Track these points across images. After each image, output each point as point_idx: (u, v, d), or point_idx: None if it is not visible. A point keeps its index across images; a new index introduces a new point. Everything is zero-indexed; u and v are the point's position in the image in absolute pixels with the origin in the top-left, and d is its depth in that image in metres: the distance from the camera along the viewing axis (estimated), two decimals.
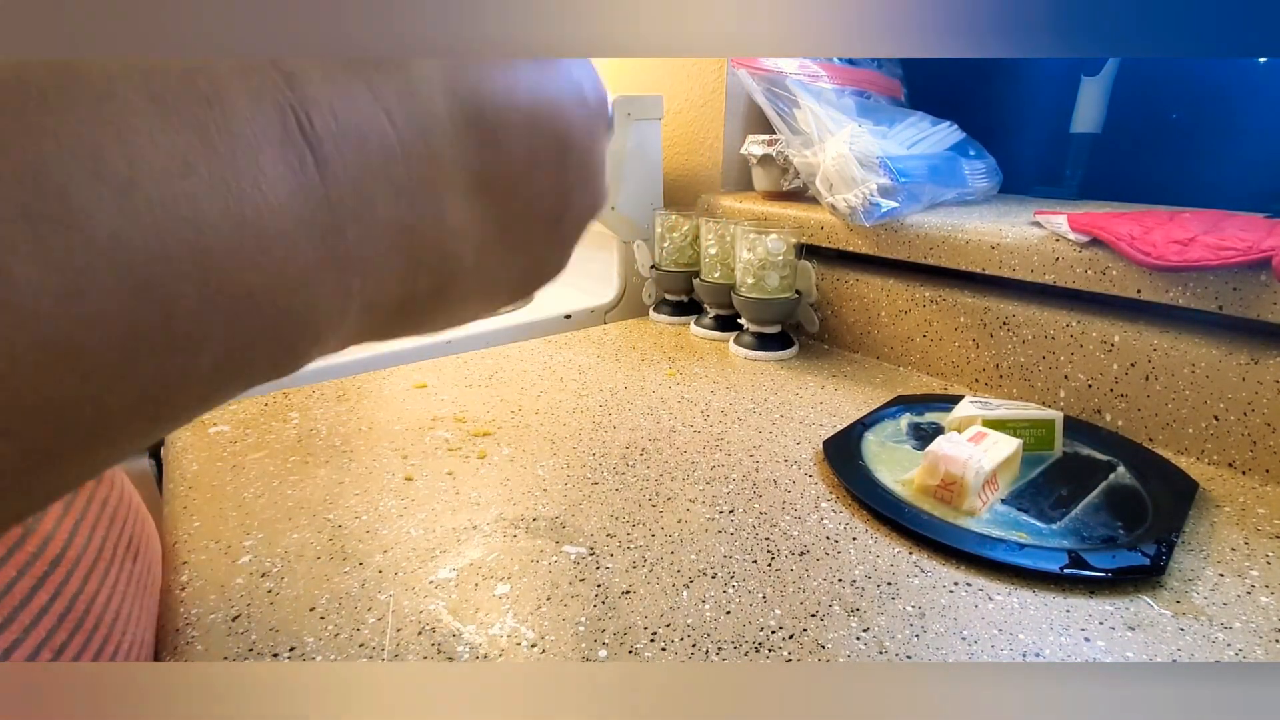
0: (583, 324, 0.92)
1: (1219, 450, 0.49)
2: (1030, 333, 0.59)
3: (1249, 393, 0.47)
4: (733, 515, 0.43)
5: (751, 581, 0.37)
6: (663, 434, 0.55)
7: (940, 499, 0.43)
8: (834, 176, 0.67)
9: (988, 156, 0.79)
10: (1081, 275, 0.54)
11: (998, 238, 0.59)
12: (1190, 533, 0.41)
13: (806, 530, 0.42)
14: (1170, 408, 0.51)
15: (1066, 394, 0.57)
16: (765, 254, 0.70)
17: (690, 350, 0.76)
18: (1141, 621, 0.34)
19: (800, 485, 0.47)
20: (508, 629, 0.34)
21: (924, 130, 0.76)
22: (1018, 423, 0.48)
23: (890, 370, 0.70)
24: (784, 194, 0.84)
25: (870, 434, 0.53)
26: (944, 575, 0.38)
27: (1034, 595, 0.36)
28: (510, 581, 0.37)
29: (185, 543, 0.40)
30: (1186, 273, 0.48)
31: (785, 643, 0.33)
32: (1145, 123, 0.74)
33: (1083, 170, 0.77)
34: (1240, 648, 0.32)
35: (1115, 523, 0.41)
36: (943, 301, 0.65)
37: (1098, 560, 0.37)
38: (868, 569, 0.38)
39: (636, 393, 0.63)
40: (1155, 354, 0.51)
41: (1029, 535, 0.40)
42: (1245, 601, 0.35)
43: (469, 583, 0.37)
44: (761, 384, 0.65)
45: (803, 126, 0.70)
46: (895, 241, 0.67)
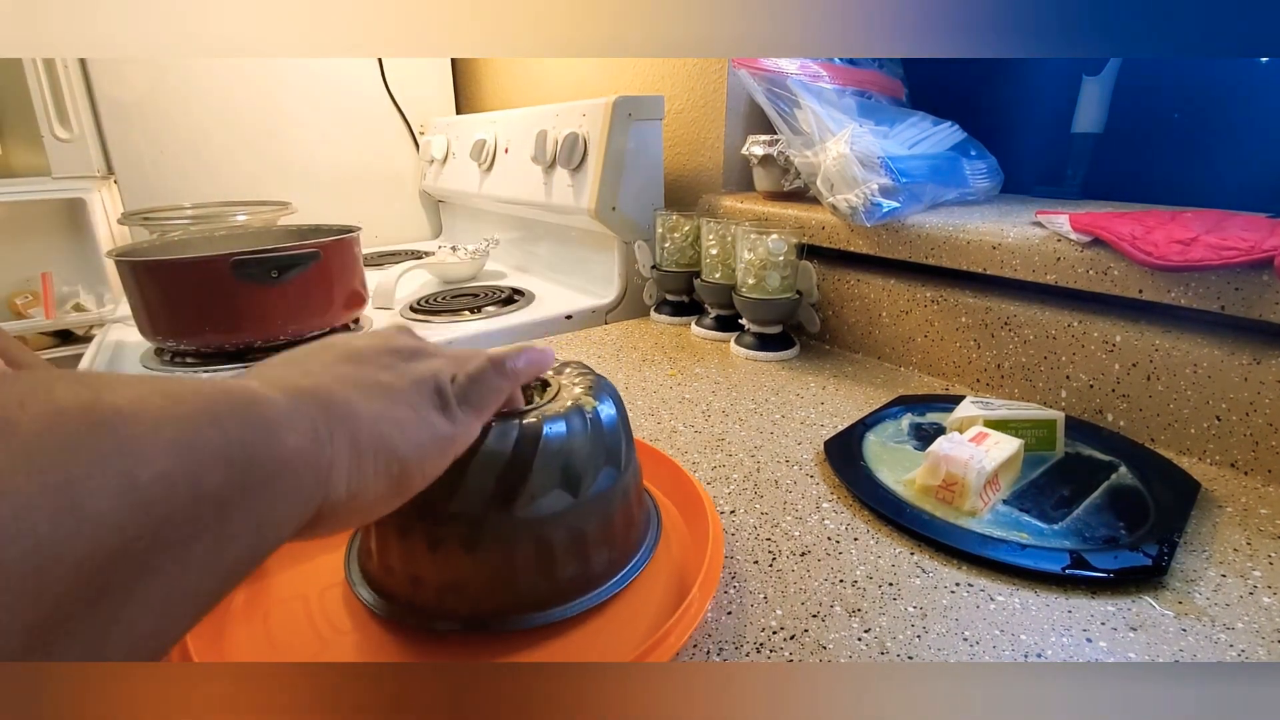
0: (584, 324, 0.92)
1: (1221, 450, 0.49)
2: (1032, 333, 0.59)
3: (1251, 393, 0.47)
4: (734, 515, 0.43)
5: (753, 582, 0.37)
6: (664, 434, 0.55)
7: (942, 499, 0.43)
8: (835, 177, 0.67)
9: (989, 156, 0.79)
10: (1083, 275, 0.54)
11: (999, 238, 0.59)
12: (1192, 533, 0.41)
13: (808, 530, 0.42)
14: (1172, 408, 0.51)
15: (1068, 394, 0.57)
16: (766, 254, 0.70)
17: (691, 350, 0.76)
18: (1144, 622, 0.34)
19: (801, 485, 0.47)
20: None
21: (925, 130, 0.76)
22: (1019, 423, 0.48)
23: (891, 370, 0.70)
24: (785, 194, 0.83)
25: (871, 434, 0.53)
26: (945, 576, 0.38)
27: (1036, 596, 0.36)
28: None
29: None
30: (1188, 273, 0.48)
31: (786, 643, 0.33)
32: (1147, 123, 0.74)
33: (1084, 170, 0.76)
34: (1243, 648, 0.32)
35: (1117, 523, 0.41)
36: (944, 302, 0.65)
37: (1100, 561, 0.37)
38: (869, 569, 0.38)
39: (637, 393, 0.63)
40: (1157, 354, 0.51)
41: (1031, 536, 0.40)
42: (1247, 602, 0.35)
43: None
44: (762, 384, 0.65)
45: (804, 127, 0.70)
46: (896, 242, 0.67)
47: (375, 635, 0.33)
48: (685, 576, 0.37)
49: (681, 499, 0.43)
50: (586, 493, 0.33)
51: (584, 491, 0.33)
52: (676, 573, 0.38)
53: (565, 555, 0.33)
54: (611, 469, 0.35)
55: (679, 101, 0.96)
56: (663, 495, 0.44)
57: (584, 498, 0.33)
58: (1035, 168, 0.82)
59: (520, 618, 0.32)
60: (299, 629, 0.33)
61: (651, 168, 0.91)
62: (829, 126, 0.68)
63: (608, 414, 0.35)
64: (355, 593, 0.34)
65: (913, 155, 0.70)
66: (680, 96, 0.95)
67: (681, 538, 0.41)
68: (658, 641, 0.29)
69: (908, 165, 0.67)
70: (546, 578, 0.33)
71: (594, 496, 0.34)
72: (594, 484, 0.34)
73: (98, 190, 1.13)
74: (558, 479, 0.32)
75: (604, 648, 0.32)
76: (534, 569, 0.32)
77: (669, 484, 0.45)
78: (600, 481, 0.34)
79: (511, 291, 0.99)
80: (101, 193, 1.14)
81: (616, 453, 0.35)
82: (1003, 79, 0.84)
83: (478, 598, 0.32)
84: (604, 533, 0.34)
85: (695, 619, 0.31)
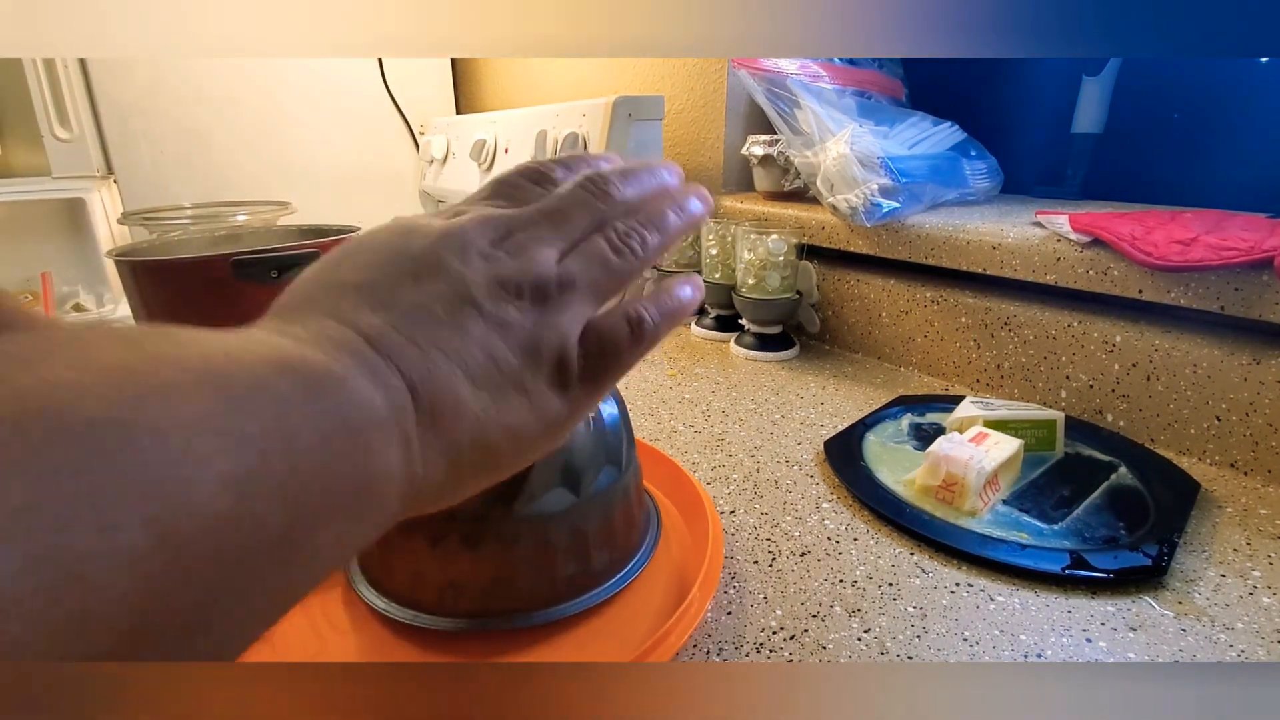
0: None
1: (1221, 451, 0.49)
2: (1031, 333, 0.59)
3: (1251, 393, 0.47)
4: (734, 515, 0.43)
5: (753, 582, 0.37)
6: (664, 434, 0.55)
7: (941, 499, 0.43)
8: (835, 177, 0.67)
9: (989, 157, 0.79)
10: (1083, 275, 0.54)
11: (999, 238, 0.59)
12: (1192, 533, 0.41)
13: (808, 531, 0.42)
14: (1172, 408, 0.51)
15: (1068, 394, 0.57)
16: (766, 254, 0.70)
17: (691, 350, 0.76)
18: (1143, 622, 0.34)
19: (801, 486, 0.47)
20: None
21: (925, 130, 0.76)
22: (1019, 423, 0.48)
23: (891, 371, 0.70)
24: (785, 194, 0.83)
25: (871, 434, 0.53)
26: (945, 576, 0.38)
27: (1035, 596, 0.36)
28: None
29: None
30: (1188, 273, 0.48)
31: (786, 643, 0.33)
32: (1146, 123, 0.74)
33: (1084, 170, 0.76)
34: (1242, 648, 0.32)
35: (1117, 523, 0.41)
36: (944, 302, 0.65)
37: (1099, 561, 0.37)
38: (869, 570, 0.38)
39: (637, 393, 0.63)
40: (1157, 354, 0.51)
41: (1030, 536, 0.40)
42: (1247, 602, 0.35)
43: None
44: (762, 384, 0.65)
45: (804, 127, 0.70)
46: (896, 242, 0.67)
47: (375, 635, 0.33)
48: (685, 577, 0.37)
49: (681, 499, 0.43)
50: (587, 492, 0.33)
51: (585, 490, 0.33)
52: (676, 573, 0.38)
53: (565, 554, 0.33)
54: (612, 468, 0.35)
55: (679, 101, 0.96)
56: (663, 495, 0.44)
57: (585, 497, 0.33)
58: (1035, 168, 0.82)
59: (520, 616, 0.32)
60: (298, 628, 0.33)
61: None
62: (829, 127, 0.68)
63: (609, 413, 0.35)
64: (356, 591, 0.34)
65: (913, 155, 0.70)
66: (680, 96, 0.95)
67: (681, 538, 0.41)
68: (658, 641, 0.29)
69: (908, 165, 0.67)
70: (547, 576, 0.33)
71: (595, 495, 0.34)
72: (595, 483, 0.34)
73: (98, 190, 1.13)
74: (559, 477, 0.32)
75: (604, 647, 0.32)
76: (534, 568, 0.32)
77: (669, 484, 0.45)
78: (601, 480, 0.34)
79: None
80: (101, 193, 1.14)
81: (617, 452, 0.35)
82: (1003, 79, 0.84)
83: (478, 596, 0.32)
84: (604, 532, 0.34)
85: (695, 619, 0.31)
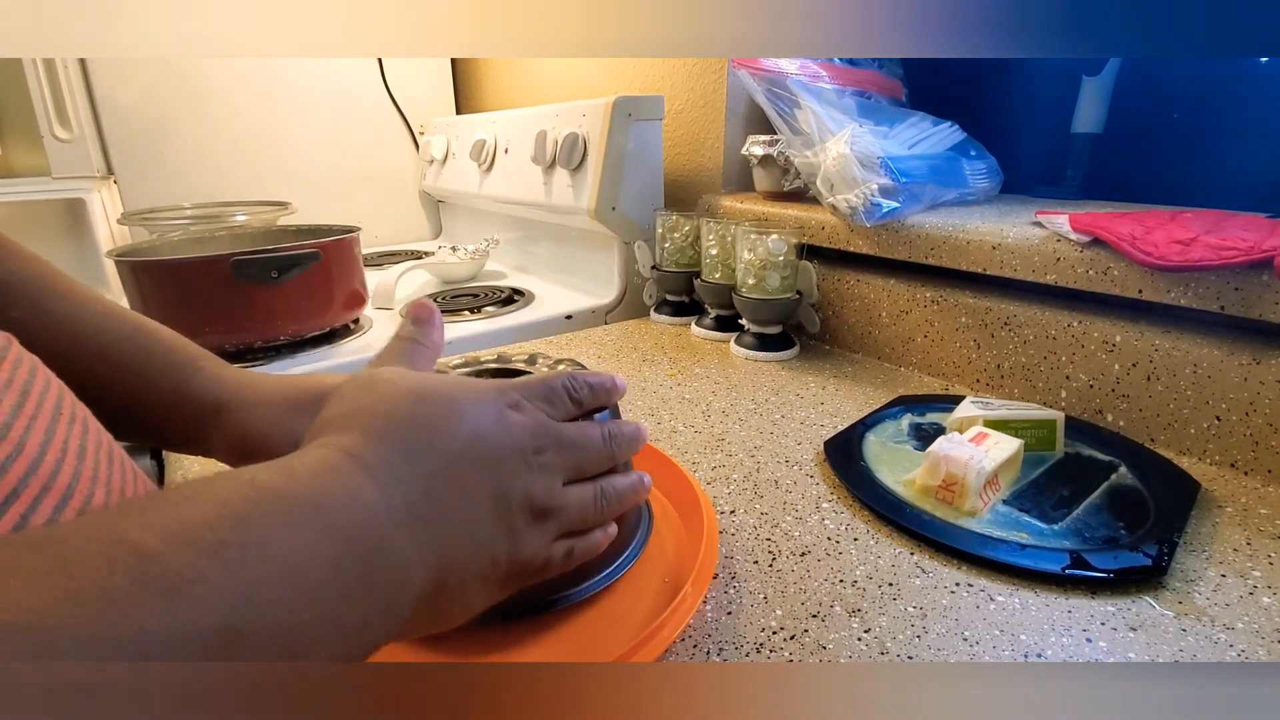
0: (584, 324, 0.92)
1: (1221, 450, 0.49)
2: (1031, 333, 0.59)
3: (1251, 393, 0.47)
4: (734, 515, 0.43)
5: (752, 582, 0.37)
6: (664, 434, 0.55)
7: (942, 499, 0.43)
8: (835, 177, 0.67)
9: (989, 156, 0.79)
10: (1083, 275, 0.54)
11: (999, 238, 0.59)
12: (1192, 533, 0.41)
13: (808, 531, 0.42)
14: (1172, 408, 0.51)
15: (1068, 394, 0.57)
16: (766, 254, 0.70)
17: (691, 351, 0.76)
18: (1143, 622, 0.34)
19: (801, 486, 0.47)
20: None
21: (925, 130, 0.76)
22: (1019, 423, 0.48)
23: (891, 370, 0.70)
24: (785, 194, 0.83)
25: (871, 434, 0.53)
26: (945, 576, 0.38)
27: (1036, 596, 0.36)
28: None
29: None
30: (1188, 273, 0.48)
31: (786, 643, 0.33)
32: (1146, 123, 0.74)
33: (1084, 170, 0.76)
34: (1242, 648, 0.32)
35: (1117, 523, 0.41)
36: (944, 302, 0.65)
37: (1099, 561, 0.37)
38: (869, 570, 0.38)
39: (637, 393, 0.63)
40: (1157, 354, 0.51)
41: (1030, 536, 0.40)
42: (1247, 602, 0.35)
43: None
44: (762, 384, 0.65)
45: (803, 127, 0.70)
46: (896, 242, 0.67)
47: None
48: (680, 573, 0.37)
49: (680, 499, 0.43)
50: None
51: None
52: (672, 570, 0.38)
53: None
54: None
55: (679, 101, 0.96)
56: (661, 495, 0.44)
57: None
58: (1035, 168, 0.82)
59: (514, 607, 0.33)
60: None
61: (651, 168, 0.91)
62: (829, 126, 0.68)
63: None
64: None
65: (912, 155, 0.70)
66: (680, 96, 0.95)
67: (679, 537, 0.41)
68: (652, 634, 0.29)
69: (907, 165, 0.67)
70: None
71: None
72: None
73: (98, 190, 1.13)
74: None
75: (600, 641, 0.32)
76: None
77: (668, 484, 0.45)
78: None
79: (511, 292, 0.99)
80: (101, 193, 1.14)
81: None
82: (1003, 79, 0.84)
83: None
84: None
85: (689, 612, 0.32)
